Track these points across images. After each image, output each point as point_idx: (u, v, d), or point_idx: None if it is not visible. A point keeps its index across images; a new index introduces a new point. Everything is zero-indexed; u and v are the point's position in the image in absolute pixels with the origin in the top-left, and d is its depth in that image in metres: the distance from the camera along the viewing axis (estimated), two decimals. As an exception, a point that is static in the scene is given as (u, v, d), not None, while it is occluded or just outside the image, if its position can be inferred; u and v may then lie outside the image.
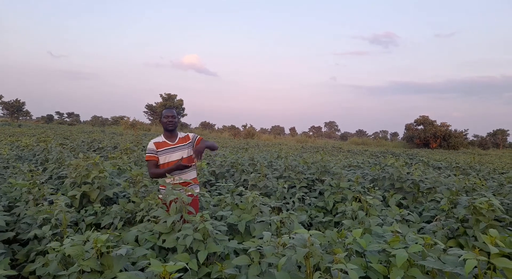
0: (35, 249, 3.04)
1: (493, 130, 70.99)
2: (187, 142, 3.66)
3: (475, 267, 1.77)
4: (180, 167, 3.42)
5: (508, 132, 70.42)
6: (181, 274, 1.75)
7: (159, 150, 3.56)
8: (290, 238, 2.11)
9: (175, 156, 3.57)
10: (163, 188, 3.43)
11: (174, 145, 3.61)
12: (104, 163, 5.18)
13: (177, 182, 3.26)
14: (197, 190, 3.62)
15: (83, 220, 3.70)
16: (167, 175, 3.32)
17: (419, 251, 2.03)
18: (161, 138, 3.65)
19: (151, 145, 3.60)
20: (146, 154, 3.62)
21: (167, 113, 3.63)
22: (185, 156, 3.61)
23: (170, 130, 3.62)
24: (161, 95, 67.01)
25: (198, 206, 3.63)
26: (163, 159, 3.56)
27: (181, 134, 3.71)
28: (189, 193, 3.25)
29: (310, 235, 2.01)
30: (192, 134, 3.76)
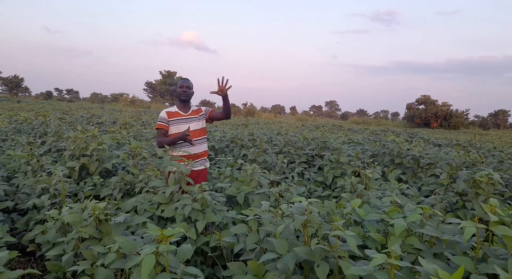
0: (34, 218, 3.05)
1: (494, 111, 70.62)
2: (200, 114, 3.65)
3: (474, 235, 1.77)
4: (184, 137, 3.38)
5: (509, 112, 70.07)
6: (178, 238, 1.74)
7: (170, 119, 3.55)
8: (288, 206, 2.11)
9: (186, 127, 3.54)
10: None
11: (187, 115, 3.59)
12: (103, 136, 5.15)
13: (188, 153, 3.35)
14: (208, 164, 3.67)
15: (83, 192, 3.70)
16: (181, 151, 3.33)
17: (417, 221, 2.02)
18: (174, 108, 3.64)
19: (163, 114, 3.60)
20: (157, 122, 3.62)
21: (182, 84, 3.61)
22: (198, 127, 3.59)
23: (183, 100, 3.59)
24: (160, 72, 66.44)
25: (207, 180, 3.68)
26: (175, 129, 3.54)
27: (194, 107, 3.68)
28: (201, 168, 3.48)
29: (309, 203, 2.00)
30: (204, 107, 3.74)
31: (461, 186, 3.46)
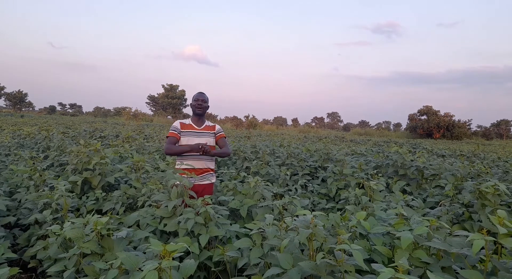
0: (36, 233, 3.02)
1: (496, 121, 70.56)
2: (212, 131, 3.68)
3: (483, 248, 1.73)
4: (197, 148, 3.36)
5: (511, 122, 69.97)
6: (181, 253, 1.71)
7: (183, 130, 3.57)
8: (293, 219, 2.08)
9: (197, 140, 3.55)
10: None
11: (199, 130, 3.61)
12: (106, 150, 5.15)
13: (194, 167, 3.39)
14: (214, 180, 3.69)
15: (85, 206, 3.68)
16: (183, 164, 3.34)
17: (424, 233, 1.99)
18: (188, 121, 3.68)
19: (176, 123, 3.63)
20: (169, 131, 3.62)
21: (198, 97, 3.64)
22: (208, 144, 3.60)
23: (198, 114, 3.63)
24: (163, 86, 66.92)
25: (213, 193, 3.69)
26: (185, 141, 3.55)
27: (208, 123, 3.72)
28: (206, 182, 3.54)
29: (314, 216, 1.97)
30: (218, 127, 3.77)
31: (467, 197, 3.41)
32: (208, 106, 3.72)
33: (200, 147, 3.36)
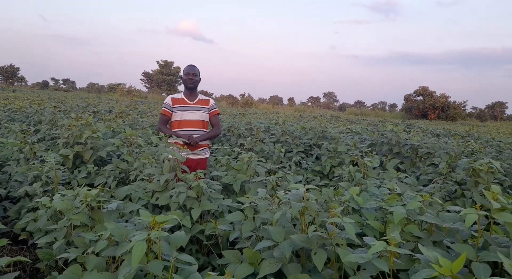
0: (26, 206, 2.99)
1: (491, 103, 70.82)
2: (205, 106, 3.62)
3: (475, 223, 1.72)
4: (185, 138, 3.39)
5: (506, 104, 70.32)
6: (172, 225, 1.69)
7: (174, 105, 3.53)
8: (285, 193, 2.05)
9: (190, 115, 3.51)
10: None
11: (192, 104, 3.56)
12: (98, 124, 5.07)
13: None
14: (207, 155, 3.68)
15: (76, 180, 3.64)
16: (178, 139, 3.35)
17: (417, 208, 1.98)
18: (180, 95, 3.62)
19: (167, 100, 3.59)
20: (162, 108, 3.61)
21: (188, 71, 3.56)
22: (201, 118, 3.57)
23: (190, 88, 3.57)
24: (157, 62, 65.90)
25: (206, 168, 3.69)
26: (178, 116, 3.51)
27: (202, 96, 3.65)
28: (200, 157, 3.55)
29: (307, 190, 1.94)
30: (212, 102, 3.70)
31: (460, 174, 3.42)
32: (200, 79, 3.65)
33: (188, 139, 3.36)
